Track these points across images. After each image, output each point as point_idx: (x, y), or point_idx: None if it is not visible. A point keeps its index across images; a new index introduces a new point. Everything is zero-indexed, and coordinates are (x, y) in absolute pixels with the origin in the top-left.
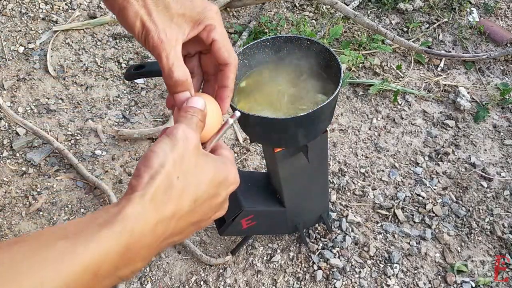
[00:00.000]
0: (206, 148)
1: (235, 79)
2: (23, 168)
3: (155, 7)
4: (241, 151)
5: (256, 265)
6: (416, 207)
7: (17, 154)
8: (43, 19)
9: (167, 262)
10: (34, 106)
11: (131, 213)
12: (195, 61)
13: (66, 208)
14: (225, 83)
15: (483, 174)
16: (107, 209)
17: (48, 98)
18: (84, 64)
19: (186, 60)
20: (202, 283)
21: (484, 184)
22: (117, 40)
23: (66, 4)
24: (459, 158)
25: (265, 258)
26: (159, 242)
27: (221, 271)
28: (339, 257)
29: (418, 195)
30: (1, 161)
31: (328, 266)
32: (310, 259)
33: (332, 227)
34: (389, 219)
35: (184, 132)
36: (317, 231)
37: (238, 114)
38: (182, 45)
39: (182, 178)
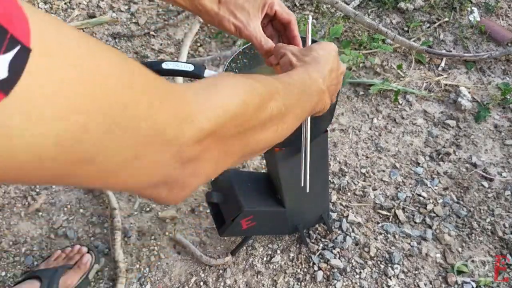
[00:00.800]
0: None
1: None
2: None
3: (237, 10)
4: None
5: (256, 266)
6: (417, 207)
7: None
8: None
9: (166, 263)
10: None
11: (297, 69)
12: (270, 27)
13: (65, 209)
14: (294, 34)
15: (484, 174)
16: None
17: None
18: None
19: (265, 30)
20: (201, 284)
21: (485, 184)
22: (117, 40)
23: (65, 3)
24: (460, 158)
25: (265, 258)
26: (324, 79)
27: (221, 271)
28: (339, 258)
29: (419, 195)
30: None
31: (329, 266)
32: (310, 259)
33: (333, 227)
34: (390, 220)
35: (279, 46)
36: (317, 231)
37: (310, 17)
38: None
39: (306, 55)
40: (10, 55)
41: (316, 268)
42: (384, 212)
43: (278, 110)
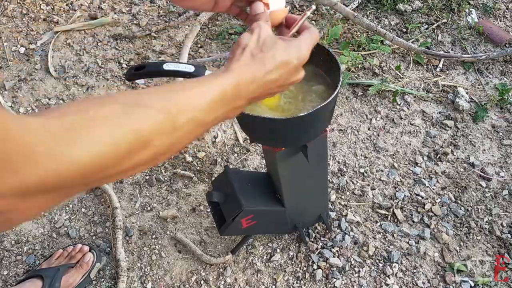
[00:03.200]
0: (287, 35)
1: None
2: None
3: None
4: (241, 151)
5: (256, 264)
6: (415, 207)
7: None
8: (44, 19)
9: (167, 262)
10: (35, 106)
11: (234, 68)
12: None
13: (67, 208)
14: None
15: (482, 174)
16: (216, 70)
17: (49, 99)
18: (85, 65)
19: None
20: (202, 282)
21: (483, 184)
22: (118, 41)
23: (67, 5)
24: (458, 158)
25: (265, 257)
26: (253, 87)
27: (221, 270)
28: (338, 257)
29: (417, 194)
30: None
31: (328, 265)
32: (309, 258)
33: (332, 226)
34: (388, 219)
35: (258, 24)
36: (316, 230)
37: (314, 7)
38: None
39: (260, 50)
40: None
41: (315, 266)
42: (383, 212)
43: (166, 145)
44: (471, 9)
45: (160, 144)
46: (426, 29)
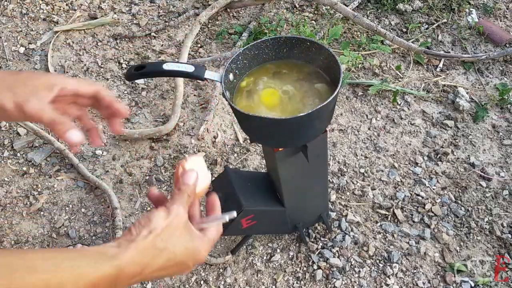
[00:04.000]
0: (196, 224)
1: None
2: (24, 168)
3: (15, 87)
4: (241, 151)
5: (256, 265)
6: (416, 207)
7: (18, 154)
8: (44, 19)
9: None
10: None
11: (125, 258)
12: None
13: (67, 208)
14: (107, 103)
15: (482, 174)
16: (111, 247)
17: None
18: (85, 65)
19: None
20: (202, 282)
21: (483, 184)
22: (118, 41)
23: (66, 4)
24: (458, 158)
25: (265, 257)
26: (135, 280)
27: (221, 270)
28: (338, 257)
29: (417, 195)
30: (2, 161)
31: (328, 265)
32: (309, 258)
33: (332, 226)
34: (389, 219)
35: (177, 209)
36: (316, 230)
37: (234, 214)
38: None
39: (165, 243)
40: None
41: (315, 267)
42: (383, 212)
43: None
44: (471, 9)
45: None
46: (426, 29)
